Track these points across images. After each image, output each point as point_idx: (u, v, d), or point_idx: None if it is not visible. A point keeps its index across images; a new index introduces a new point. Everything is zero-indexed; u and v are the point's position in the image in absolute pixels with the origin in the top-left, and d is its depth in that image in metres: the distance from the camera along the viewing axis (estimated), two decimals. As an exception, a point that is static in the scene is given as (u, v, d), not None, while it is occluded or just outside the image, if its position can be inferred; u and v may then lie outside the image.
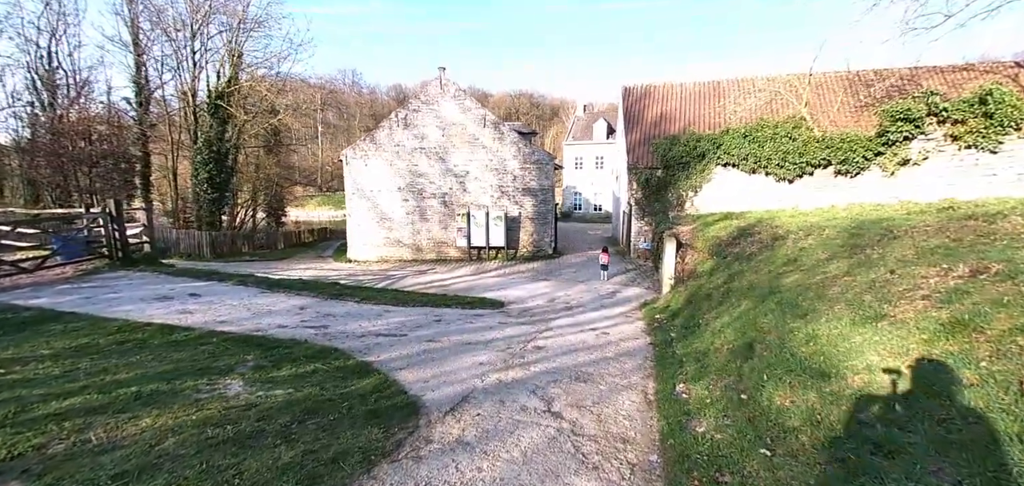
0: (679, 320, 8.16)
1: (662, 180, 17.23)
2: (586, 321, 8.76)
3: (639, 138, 18.77)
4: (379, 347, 6.35)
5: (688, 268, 10.87)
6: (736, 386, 4.49)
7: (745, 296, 7.28)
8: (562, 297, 11.53)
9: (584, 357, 6.26)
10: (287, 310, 8.13)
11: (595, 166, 44.49)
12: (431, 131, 18.20)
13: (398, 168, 18.45)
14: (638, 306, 10.30)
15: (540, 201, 18.45)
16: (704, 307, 8.08)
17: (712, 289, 8.71)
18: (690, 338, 6.76)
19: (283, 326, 7.18)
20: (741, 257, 9.71)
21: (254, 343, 6.18)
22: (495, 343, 6.81)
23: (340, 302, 9.01)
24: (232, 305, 8.20)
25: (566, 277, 14.57)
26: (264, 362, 5.48)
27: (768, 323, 5.60)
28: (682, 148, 16.72)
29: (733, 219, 13.05)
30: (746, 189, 16.38)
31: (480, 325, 8.00)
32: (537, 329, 7.89)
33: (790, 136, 15.22)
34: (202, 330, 6.70)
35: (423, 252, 18.88)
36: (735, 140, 15.98)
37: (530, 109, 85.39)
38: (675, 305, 9.23)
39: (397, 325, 7.58)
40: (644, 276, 14.23)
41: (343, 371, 5.31)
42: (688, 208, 17.14)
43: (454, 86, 18.00)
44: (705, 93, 19.50)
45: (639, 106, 20.11)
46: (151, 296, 8.50)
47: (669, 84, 20.62)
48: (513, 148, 18.15)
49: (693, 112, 18.75)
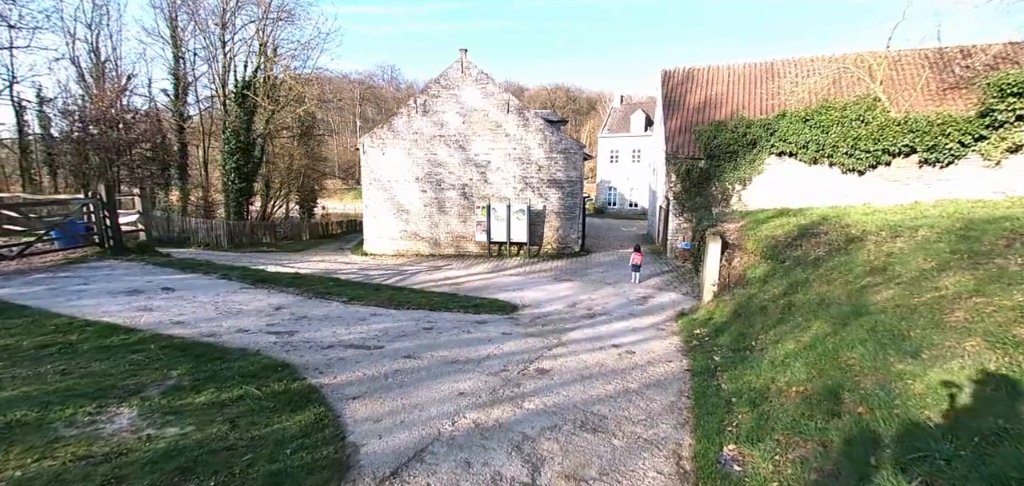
0: (725, 338, 6.53)
1: (705, 172, 15.29)
2: (609, 334, 7.26)
3: (679, 125, 16.85)
4: (342, 364, 5.13)
5: (735, 273, 9.12)
6: (820, 464, 2.94)
7: (815, 315, 5.58)
8: (585, 301, 10.04)
9: (599, 388, 4.81)
10: (259, 310, 7.10)
11: (631, 159, 42.20)
12: (451, 118, 17.01)
13: (416, 157, 17.39)
14: (673, 316, 8.68)
15: (567, 194, 16.90)
16: (758, 324, 6.41)
17: (767, 301, 7.01)
18: (741, 366, 5.16)
19: (243, 330, 6.12)
20: (804, 262, 7.90)
21: (194, 353, 5.11)
22: (488, 363, 5.46)
23: (323, 302, 7.92)
24: (201, 303, 7.25)
25: (592, 278, 13.01)
26: (187, 381, 4.37)
27: (859, 360, 3.96)
28: (729, 135, 14.72)
29: (790, 216, 11.10)
30: (804, 182, 14.21)
31: (478, 336, 6.67)
32: (547, 343, 6.47)
33: (862, 119, 12.95)
34: (147, 332, 5.72)
35: (441, 247, 17.76)
36: (793, 125, 13.85)
37: (566, 103, 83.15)
38: (719, 317, 7.57)
39: (377, 334, 6.36)
40: (681, 280, 12.47)
41: (277, 399, 4.11)
42: (734, 203, 15.13)
43: (476, 69, 16.71)
44: (756, 75, 17.29)
45: (680, 91, 18.14)
46: (122, 289, 7.71)
47: (715, 67, 18.51)
48: (538, 135, 16.68)
49: (742, 96, 16.62)
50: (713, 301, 8.70)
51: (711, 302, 8.73)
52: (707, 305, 8.69)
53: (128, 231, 10.75)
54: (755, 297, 7.49)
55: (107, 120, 19.37)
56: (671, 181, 15.88)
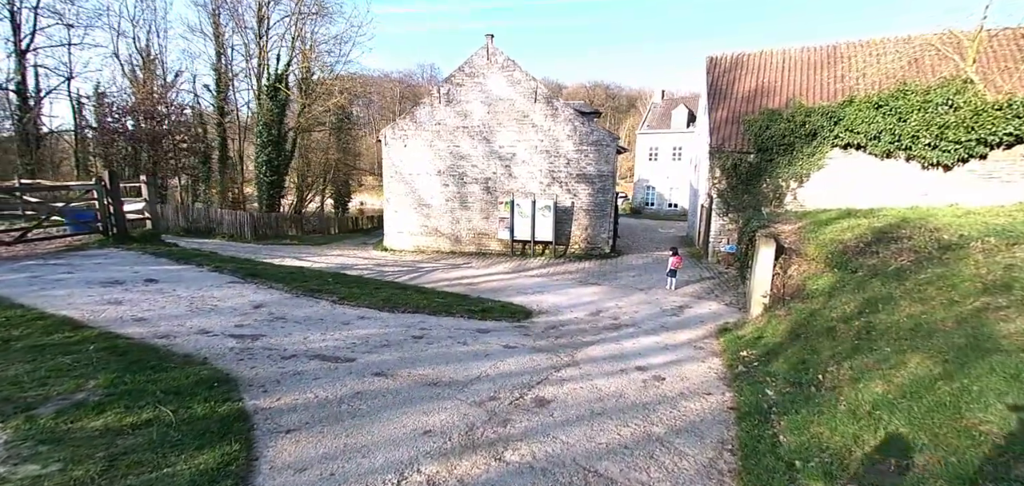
0: (780, 365, 5.18)
1: (754, 166, 13.59)
2: (634, 351, 6.04)
3: (726, 116, 15.17)
4: (295, 381, 4.22)
5: (792, 283, 7.63)
6: None
7: (911, 345, 4.19)
8: (611, 309, 8.81)
9: (612, 433, 3.66)
10: (234, 309, 6.36)
11: (672, 157, 39.98)
12: (475, 107, 16.07)
13: (438, 149, 16.57)
14: (714, 331, 7.34)
15: (597, 189, 15.58)
16: (825, 350, 5.03)
17: (836, 320, 5.58)
18: (806, 410, 3.87)
19: (206, 331, 5.36)
20: (883, 273, 6.37)
21: (131, 358, 4.35)
22: (476, 387, 4.41)
23: (311, 301, 7.11)
24: (177, 297, 6.60)
25: (622, 282, 11.71)
26: (98, 395, 3.57)
27: (1000, 424, 2.63)
28: (785, 125, 12.97)
29: (859, 217, 9.43)
30: (874, 178, 12.29)
31: (475, 349, 5.63)
32: (556, 362, 5.35)
33: (950, 104, 10.93)
34: (96, 330, 5.03)
35: (462, 244, 16.87)
36: (863, 112, 11.96)
37: (605, 100, 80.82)
38: (772, 337, 6.19)
39: (355, 342, 5.45)
40: (725, 288, 10.97)
41: (192, 427, 3.23)
42: (788, 202, 13.37)
43: (502, 55, 15.69)
44: (815, 60, 15.33)
45: (727, 79, 16.41)
46: (102, 280, 7.20)
47: (767, 52, 16.64)
48: (568, 126, 15.45)
49: (799, 83, 14.75)
50: (763, 315, 7.27)
51: (761, 317, 7.31)
52: (756, 320, 7.28)
53: (135, 219, 10.46)
54: (819, 314, 6.05)
55: (144, 112, 19.76)
56: (715, 177, 14.26)
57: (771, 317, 6.90)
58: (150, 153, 20.77)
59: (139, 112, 20.15)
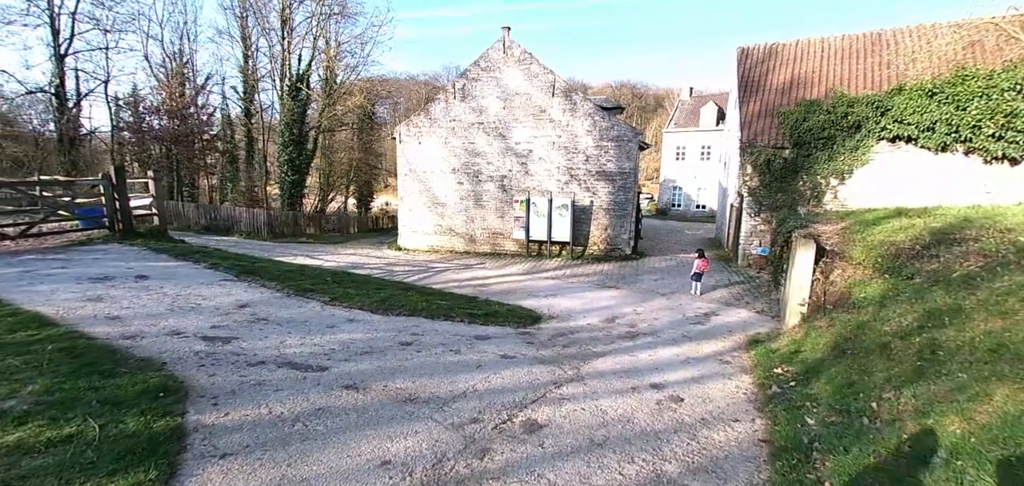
0: (822, 386, 4.40)
1: (790, 163, 12.54)
2: (649, 365, 5.34)
3: (758, 109, 14.13)
4: (253, 393, 3.74)
5: (835, 290, 6.73)
6: None
7: (993, 370, 3.36)
8: (627, 315, 8.09)
9: (611, 471, 3.01)
10: (217, 308, 5.98)
11: (700, 156, 38.44)
12: (491, 103, 15.53)
13: (453, 146, 16.11)
14: (743, 342, 6.54)
15: (618, 187, 14.77)
16: (878, 371, 4.21)
17: (892, 335, 4.74)
18: (856, 447, 3.12)
19: (177, 332, 4.97)
20: (946, 280, 5.45)
21: (85, 360, 3.97)
22: (458, 405, 3.83)
23: (301, 301, 6.69)
24: (161, 294, 6.29)
25: (642, 286, 10.93)
26: (28, 403, 3.18)
27: None
28: (824, 116, 11.89)
29: (913, 217, 8.38)
30: (927, 174, 11.08)
31: (467, 358, 5.05)
32: (557, 376, 4.72)
33: (1019, 89, 9.68)
34: (63, 329, 4.71)
35: (477, 244, 16.34)
36: (914, 100, 10.79)
37: (632, 100, 79.02)
38: (812, 352, 5.37)
39: (335, 348, 4.95)
40: (755, 294, 10.04)
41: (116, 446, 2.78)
42: (828, 201, 12.27)
43: (519, 47, 15.10)
44: (858, 48, 14.10)
45: (760, 70, 15.35)
46: (93, 275, 6.98)
47: (804, 41, 15.47)
48: (587, 121, 14.72)
49: (839, 73, 13.58)
50: (800, 326, 6.42)
51: (798, 327, 6.45)
52: (792, 331, 6.43)
53: (143, 215, 10.38)
54: (869, 327, 5.19)
55: (168, 112, 20.13)
56: (746, 174, 13.26)
57: (810, 328, 6.05)
58: (177, 153, 21.13)
59: (163, 112, 20.55)
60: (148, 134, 20.69)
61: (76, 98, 27.97)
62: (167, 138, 20.73)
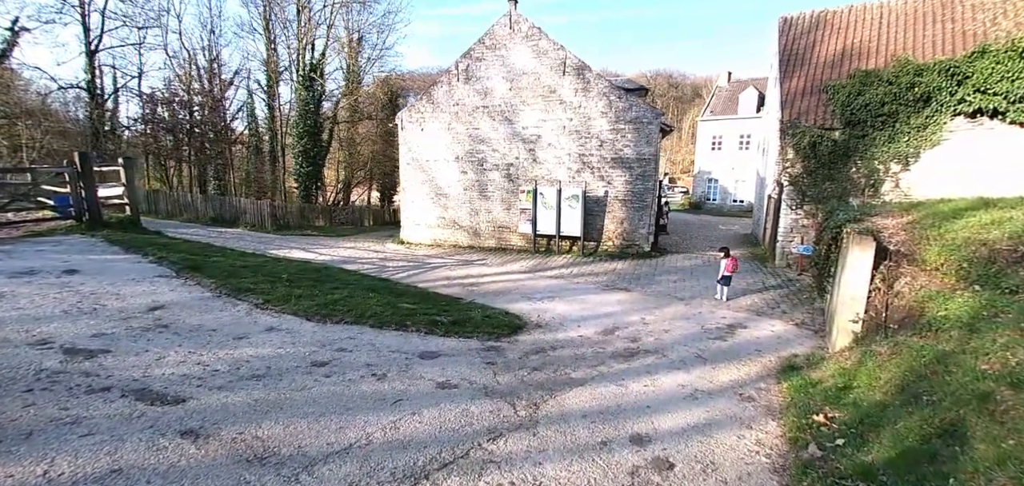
0: (882, 449, 2.92)
1: (840, 145, 10.64)
2: (639, 403, 3.97)
3: (803, 85, 12.21)
4: (52, 437, 2.65)
5: (902, 303, 5.09)
6: None
7: None
8: (632, 326, 6.68)
9: None
10: (121, 311, 5.01)
11: (739, 146, 35.70)
12: (497, 84, 14.23)
13: (456, 132, 14.93)
14: (774, 368, 5.05)
15: (636, 176, 13.18)
16: (977, 438, 2.69)
17: (992, 377, 3.17)
18: None
19: (43, 341, 4.00)
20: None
21: None
22: (325, 471, 2.63)
23: (231, 303, 5.66)
24: (75, 292, 5.40)
25: (658, 289, 9.43)
26: None
27: None
28: (884, 89, 9.95)
29: (1006, 208, 6.53)
30: (1020, 157, 9.00)
31: (389, 388, 3.85)
32: (502, 419, 3.44)
33: None
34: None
35: (481, 237, 15.13)
36: (1003, 65, 8.74)
37: (667, 90, 75.57)
38: (868, 390, 3.86)
39: (223, 369, 3.86)
40: (795, 301, 8.38)
41: None
42: (887, 191, 10.31)
43: (527, 23, 13.72)
44: (925, 11, 11.90)
45: (805, 41, 13.37)
46: (20, 269, 6.21)
47: (858, 6, 13.33)
48: (601, 102, 13.19)
49: (901, 42, 11.47)
50: (852, 350, 4.86)
51: (848, 351, 4.89)
52: (840, 356, 4.87)
53: (114, 204, 9.78)
54: (956, 361, 3.63)
55: (179, 102, 19.99)
56: (786, 159, 11.42)
57: (866, 355, 4.49)
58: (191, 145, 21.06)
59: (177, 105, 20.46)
60: (160, 125, 20.65)
61: (113, 91, 28.72)
62: (179, 130, 20.63)
